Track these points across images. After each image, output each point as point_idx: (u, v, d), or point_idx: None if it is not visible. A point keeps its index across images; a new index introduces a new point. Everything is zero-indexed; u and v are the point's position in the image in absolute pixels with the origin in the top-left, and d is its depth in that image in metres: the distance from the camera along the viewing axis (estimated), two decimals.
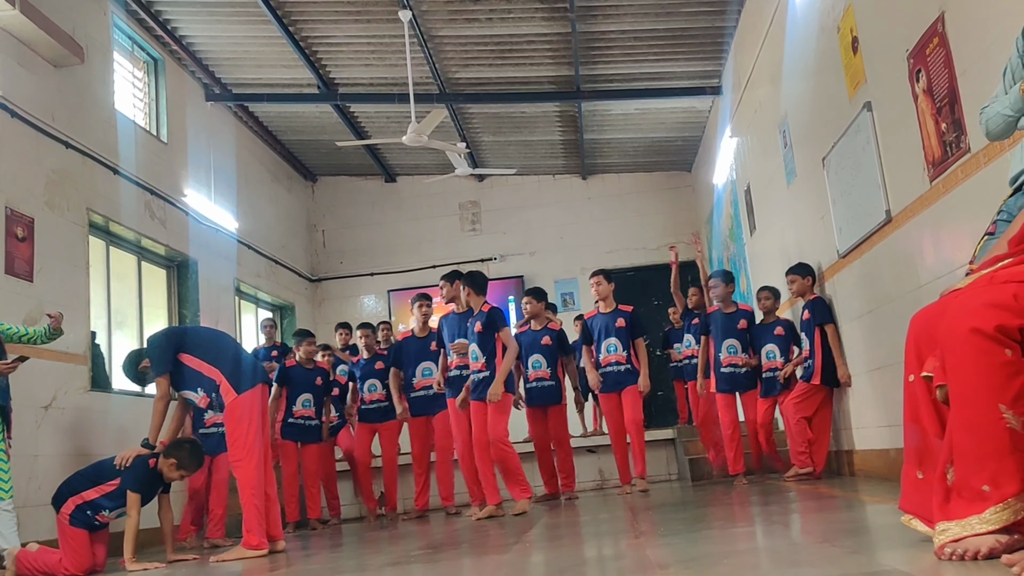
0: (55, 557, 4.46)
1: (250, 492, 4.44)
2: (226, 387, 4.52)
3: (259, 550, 4.41)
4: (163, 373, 4.60)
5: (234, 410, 4.50)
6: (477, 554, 3.48)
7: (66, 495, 4.53)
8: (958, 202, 3.69)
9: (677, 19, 7.68)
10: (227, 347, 4.77)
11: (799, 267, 6.00)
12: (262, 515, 4.47)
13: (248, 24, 7.90)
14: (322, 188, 12.23)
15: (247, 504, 4.44)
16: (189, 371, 4.61)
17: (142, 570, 4.30)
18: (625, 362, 6.42)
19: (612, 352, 6.48)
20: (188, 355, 4.62)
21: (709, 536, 3.08)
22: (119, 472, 4.51)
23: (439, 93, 8.94)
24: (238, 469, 4.48)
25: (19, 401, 5.14)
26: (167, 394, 4.61)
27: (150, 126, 8.06)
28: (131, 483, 4.48)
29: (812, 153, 5.82)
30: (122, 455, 4.56)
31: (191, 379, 4.61)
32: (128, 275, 7.71)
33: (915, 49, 3.93)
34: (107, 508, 4.52)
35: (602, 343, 6.53)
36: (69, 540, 4.46)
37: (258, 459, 4.48)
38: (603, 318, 6.57)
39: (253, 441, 4.48)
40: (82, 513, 4.48)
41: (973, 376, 1.86)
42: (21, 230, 5.76)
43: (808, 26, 5.64)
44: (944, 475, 1.93)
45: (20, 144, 5.89)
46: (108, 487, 4.52)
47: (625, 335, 6.46)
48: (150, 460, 4.57)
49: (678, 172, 11.77)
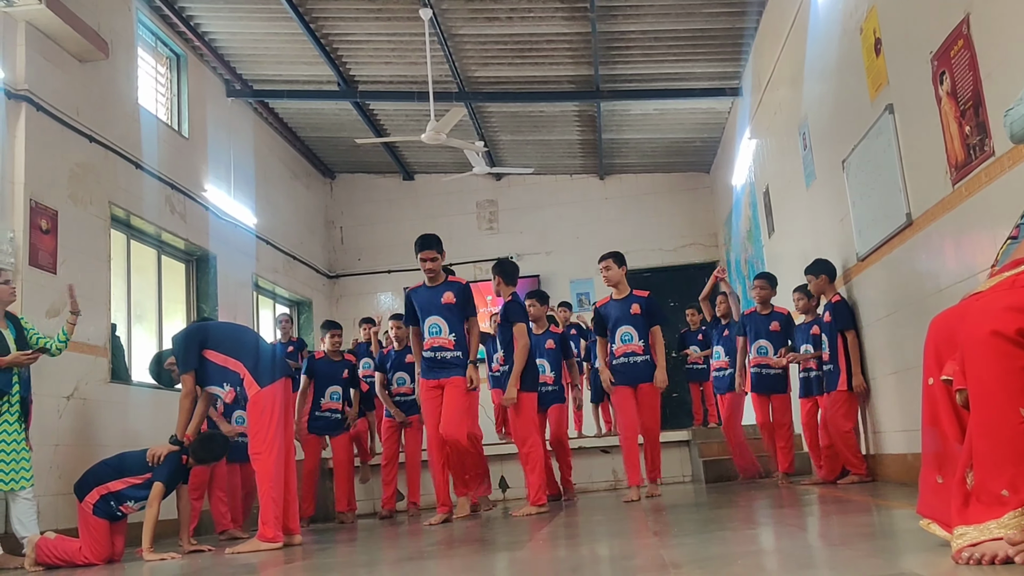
0: (74, 545, 4.51)
1: (268, 485, 4.47)
2: (249, 380, 4.57)
3: (274, 543, 4.44)
4: (188, 371, 4.64)
5: (256, 403, 4.54)
6: (491, 551, 3.49)
7: (91, 484, 4.58)
8: (981, 205, 3.66)
9: (697, 20, 7.66)
10: (249, 341, 4.80)
11: (812, 266, 5.88)
12: (280, 508, 4.51)
13: (270, 21, 7.95)
14: (340, 185, 12.28)
15: (265, 497, 4.48)
16: (213, 367, 4.65)
17: (159, 560, 4.34)
18: (642, 353, 5.88)
19: (627, 341, 5.93)
20: (212, 351, 4.66)
21: (723, 537, 3.07)
22: (150, 468, 4.55)
23: (458, 91, 8.96)
24: (257, 462, 4.52)
25: (41, 391, 5.22)
26: (192, 391, 4.65)
27: (172, 121, 8.13)
28: (162, 477, 4.54)
29: (832, 155, 5.79)
30: (153, 451, 4.59)
31: (216, 374, 4.65)
32: (148, 269, 7.78)
33: (939, 51, 3.90)
34: (133, 499, 4.57)
35: (616, 332, 5.97)
36: (91, 529, 4.51)
37: (278, 452, 4.52)
38: (617, 305, 6.01)
39: (274, 434, 4.52)
40: (106, 503, 4.54)
41: (993, 380, 1.85)
42: (45, 222, 5.83)
43: (830, 27, 5.61)
44: (963, 479, 1.92)
45: (45, 137, 5.96)
46: (137, 480, 4.57)
47: (641, 323, 5.90)
48: (182, 456, 4.62)
49: (696, 173, 11.74)
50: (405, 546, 3.98)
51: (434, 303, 5.47)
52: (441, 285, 5.52)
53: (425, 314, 5.49)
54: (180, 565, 4.12)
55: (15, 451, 4.62)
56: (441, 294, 5.47)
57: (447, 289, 5.49)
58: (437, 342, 5.43)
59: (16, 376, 4.70)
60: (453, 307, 5.45)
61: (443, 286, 5.51)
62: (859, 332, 5.62)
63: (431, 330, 5.46)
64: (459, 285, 5.53)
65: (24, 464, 4.65)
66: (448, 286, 5.51)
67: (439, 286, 5.51)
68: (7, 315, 4.86)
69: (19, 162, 5.69)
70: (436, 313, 5.45)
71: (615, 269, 5.97)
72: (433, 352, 5.43)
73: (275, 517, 4.47)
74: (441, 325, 5.44)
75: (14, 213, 5.61)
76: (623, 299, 6.00)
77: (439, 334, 5.44)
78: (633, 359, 5.90)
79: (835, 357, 5.67)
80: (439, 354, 5.42)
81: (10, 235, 5.48)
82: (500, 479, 8.37)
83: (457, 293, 5.48)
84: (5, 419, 4.62)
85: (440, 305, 5.45)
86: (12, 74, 5.76)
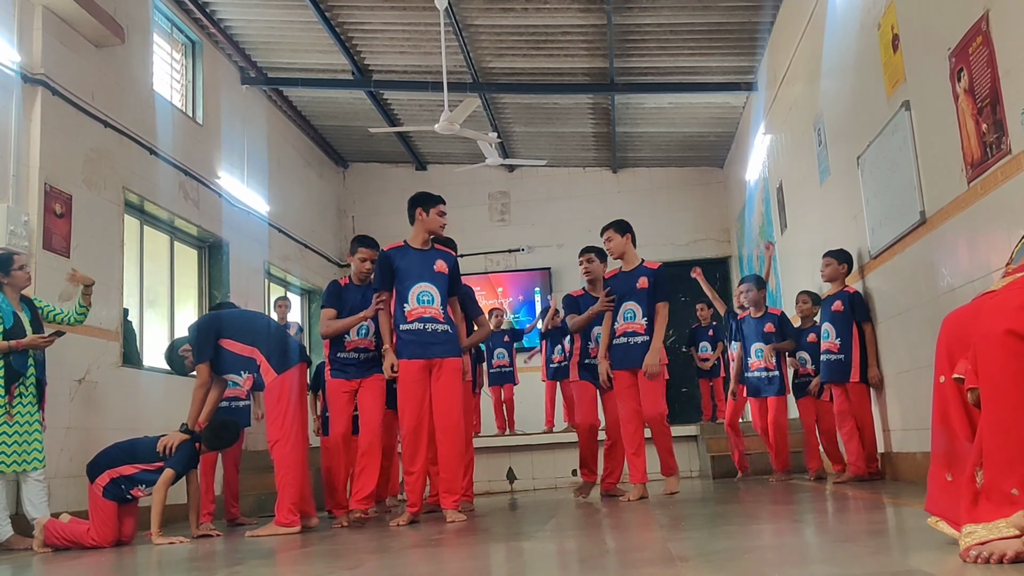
0: (83, 527, 4.55)
1: (286, 471, 4.50)
2: (265, 367, 4.58)
3: (291, 528, 4.49)
4: (204, 361, 4.64)
5: (273, 390, 4.56)
6: (498, 540, 3.50)
7: (103, 467, 4.61)
8: (996, 204, 3.63)
9: (713, 13, 7.62)
10: (265, 328, 4.82)
11: (839, 252, 5.75)
12: (298, 494, 4.54)
13: (285, 9, 7.96)
14: (353, 174, 12.30)
15: (282, 483, 4.51)
16: (230, 355, 4.66)
17: (167, 543, 4.38)
18: (643, 332, 5.23)
19: (629, 319, 5.29)
20: (227, 339, 4.67)
21: (730, 532, 3.07)
22: (161, 457, 4.57)
23: (472, 82, 8.95)
24: (275, 448, 4.55)
25: (54, 374, 5.26)
26: (207, 382, 4.65)
27: (186, 108, 8.15)
28: (177, 465, 4.56)
29: (847, 152, 5.76)
30: (164, 442, 4.59)
31: (233, 362, 4.66)
32: (161, 254, 7.82)
33: (957, 48, 3.87)
34: (144, 483, 4.60)
35: (619, 308, 5.34)
36: (99, 511, 4.55)
37: (295, 438, 4.54)
38: (624, 278, 5.38)
39: (291, 421, 4.54)
40: (116, 487, 4.57)
41: (1005, 378, 1.84)
42: (60, 206, 5.86)
43: (848, 23, 5.57)
44: (972, 478, 1.91)
45: (60, 122, 5.99)
46: (149, 467, 4.59)
47: (646, 299, 5.25)
48: (195, 444, 4.64)
49: (710, 168, 11.69)
50: (410, 534, 4.00)
51: (426, 268, 4.69)
52: (432, 251, 4.79)
53: (412, 280, 4.64)
54: (188, 549, 4.16)
55: (28, 432, 4.66)
56: (433, 260, 4.73)
57: (439, 257, 4.78)
58: (428, 312, 4.61)
59: (32, 358, 4.75)
60: (445, 277, 4.74)
61: (434, 252, 4.79)
62: (874, 327, 5.59)
63: (421, 298, 4.62)
64: (451, 257, 4.86)
65: (37, 446, 4.70)
66: (439, 254, 4.80)
67: (430, 251, 4.77)
68: (22, 298, 4.90)
69: (34, 146, 5.73)
70: (429, 280, 4.66)
71: (617, 240, 5.43)
72: (422, 323, 4.59)
73: (293, 502, 4.50)
74: (433, 294, 4.64)
75: (29, 197, 5.64)
76: (632, 271, 5.37)
77: (431, 303, 4.63)
78: (633, 339, 5.25)
79: (848, 348, 5.55)
80: (430, 326, 4.59)
81: (24, 219, 5.51)
82: (508, 470, 8.40)
83: (450, 264, 4.79)
84: (20, 401, 4.66)
85: (433, 272, 4.69)
86: (29, 58, 5.79)
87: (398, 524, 4.46)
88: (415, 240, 4.77)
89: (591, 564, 2.49)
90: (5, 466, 4.55)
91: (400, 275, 4.66)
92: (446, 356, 4.59)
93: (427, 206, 4.74)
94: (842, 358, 5.59)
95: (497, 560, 2.89)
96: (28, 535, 4.71)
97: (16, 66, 5.67)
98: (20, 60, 5.70)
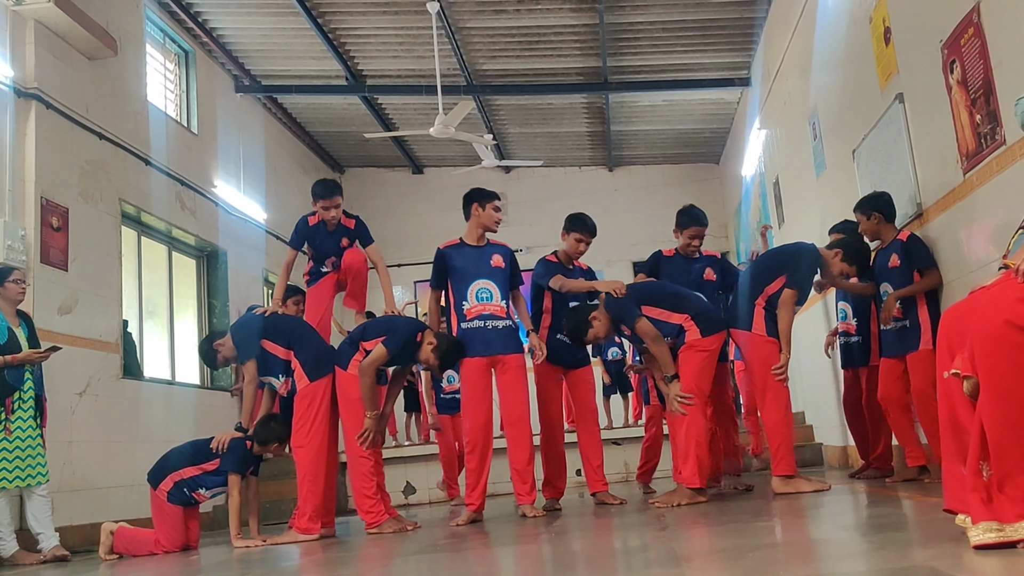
0: (150, 536, 4.62)
1: (307, 478, 4.49)
2: (299, 372, 4.57)
3: (309, 535, 4.47)
4: (251, 358, 4.61)
5: (304, 396, 4.55)
6: (504, 544, 3.50)
7: (165, 472, 4.64)
8: (992, 195, 3.63)
9: (706, 10, 7.63)
10: (303, 334, 4.79)
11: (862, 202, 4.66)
12: (319, 502, 4.52)
13: (277, 16, 7.95)
14: (350, 179, 12.29)
15: (303, 490, 4.50)
16: (270, 357, 4.64)
17: (245, 547, 4.40)
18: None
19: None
20: (268, 340, 4.65)
21: (736, 529, 3.07)
22: (217, 454, 4.60)
23: (466, 85, 8.95)
24: (298, 454, 4.53)
25: (54, 388, 5.25)
26: (256, 378, 4.62)
27: (181, 118, 8.15)
28: (231, 464, 4.58)
29: (842, 145, 5.76)
30: (218, 439, 4.62)
31: (273, 365, 4.64)
32: (159, 265, 7.82)
33: (949, 40, 3.87)
34: (205, 486, 4.63)
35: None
36: (166, 516, 4.60)
37: (319, 446, 4.52)
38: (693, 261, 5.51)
39: (318, 428, 4.52)
40: (179, 490, 4.61)
41: (1009, 371, 1.83)
42: (56, 220, 5.85)
43: (839, 17, 5.57)
44: (978, 470, 1.90)
45: (55, 135, 5.99)
46: (209, 466, 4.62)
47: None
48: (246, 442, 4.64)
49: (706, 164, 11.70)
50: (416, 539, 3.99)
51: (483, 264, 4.66)
52: (488, 246, 4.76)
53: (470, 277, 4.63)
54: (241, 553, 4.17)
55: (30, 447, 4.66)
56: (490, 256, 4.70)
57: (495, 252, 4.74)
58: (488, 309, 4.59)
59: (29, 373, 4.73)
60: (504, 272, 4.70)
61: (489, 248, 4.76)
62: None
63: (480, 295, 4.60)
64: (507, 249, 4.83)
65: (40, 460, 4.69)
66: (495, 248, 4.77)
67: (485, 247, 4.74)
68: (19, 313, 4.88)
69: (30, 160, 5.72)
70: (486, 276, 4.63)
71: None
72: (483, 321, 4.57)
73: (313, 509, 4.48)
74: (492, 290, 4.60)
75: (25, 211, 5.64)
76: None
77: (490, 299, 4.60)
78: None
79: (914, 310, 4.36)
80: (490, 323, 4.57)
81: (21, 233, 5.51)
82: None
83: (506, 258, 4.75)
84: (19, 416, 4.65)
85: (491, 268, 4.65)
86: (22, 72, 5.79)
87: (458, 524, 4.44)
88: (470, 236, 4.76)
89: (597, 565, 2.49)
90: (7, 482, 4.54)
91: (458, 273, 4.66)
92: (508, 352, 4.58)
93: (483, 201, 4.75)
94: (907, 323, 4.41)
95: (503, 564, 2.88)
96: (33, 551, 4.71)
97: (9, 80, 5.67)
98: (13, 75, 5.70)
